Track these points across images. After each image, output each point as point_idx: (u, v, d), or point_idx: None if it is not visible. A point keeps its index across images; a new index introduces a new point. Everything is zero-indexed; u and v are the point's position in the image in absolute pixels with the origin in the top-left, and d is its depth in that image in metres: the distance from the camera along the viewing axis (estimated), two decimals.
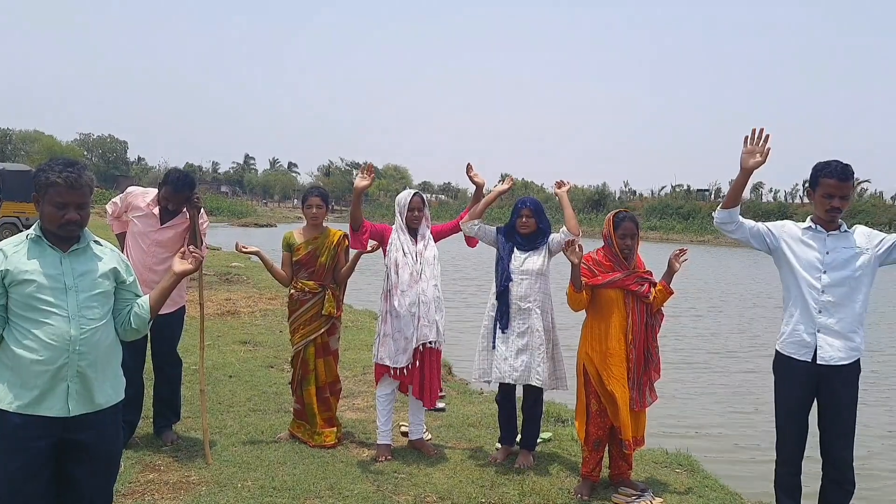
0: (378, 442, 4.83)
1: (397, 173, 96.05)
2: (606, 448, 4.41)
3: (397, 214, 4.83)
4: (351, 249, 4.95)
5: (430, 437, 5.21)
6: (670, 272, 4.35)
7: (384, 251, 4.81)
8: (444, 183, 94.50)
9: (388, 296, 4.71)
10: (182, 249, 3.02)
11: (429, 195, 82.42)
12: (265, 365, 7.27)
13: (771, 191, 63.97)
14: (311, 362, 4.91)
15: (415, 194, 4.85)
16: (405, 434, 5.14)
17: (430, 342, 4.69)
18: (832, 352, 3.56)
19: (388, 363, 4.68)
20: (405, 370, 4.67)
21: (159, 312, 2.91)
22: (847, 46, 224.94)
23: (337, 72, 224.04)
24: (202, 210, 4.81)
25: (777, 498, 3.83)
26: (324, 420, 4.94)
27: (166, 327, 4.71)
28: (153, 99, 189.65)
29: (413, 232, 4.81)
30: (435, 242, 4.91)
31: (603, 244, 4.38)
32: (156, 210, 4.69)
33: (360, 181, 4.67)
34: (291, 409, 5.16)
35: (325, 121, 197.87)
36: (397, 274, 4.67)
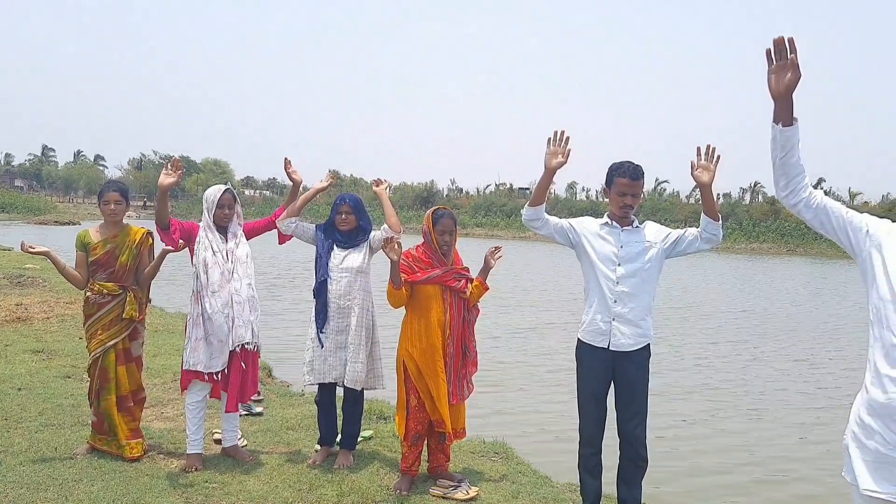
0: (188, 451, 4.56)
1: (218, 168, 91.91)
2: (426, 442, 4.47)
3: (205, 211, 4.58)
4: (165, 248, 4.64)
5: (245, 443, 5.00)
6: (486, 269, 4.49)
7: (191, 250, 4.55)
8: (269, 178, 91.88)
9: (199, 297, 4.46)
10: None
11: (253, 191, 79.79)
12: (61, 375, 6.64)
13: (583, 189, 68.82)
14: (112, 370, 4.55)
15: (225, 191, 4.63)
16: (218, 442, 4.90)
17: (246, 343, 4.52)
18: (623, 339, 3.82)
19: (200, 369, 4.44)
20: (220, 374, 4.47)
21: None
22: (656, 53, 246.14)
23: (152, 57, 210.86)
24: None
25: (581, 477, 4.05)
26: (129, 431, 4.60)
27: None
28: None
29: (223, 230, 4.60)
30: (248, 240, 4.72)
31: (423, 240, 4.43)
32: None
33: (165, 178, 4.38)
34: (90, 422, 4.75)
35: (138, 111, 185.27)
36: (206, 274, 4.44)
